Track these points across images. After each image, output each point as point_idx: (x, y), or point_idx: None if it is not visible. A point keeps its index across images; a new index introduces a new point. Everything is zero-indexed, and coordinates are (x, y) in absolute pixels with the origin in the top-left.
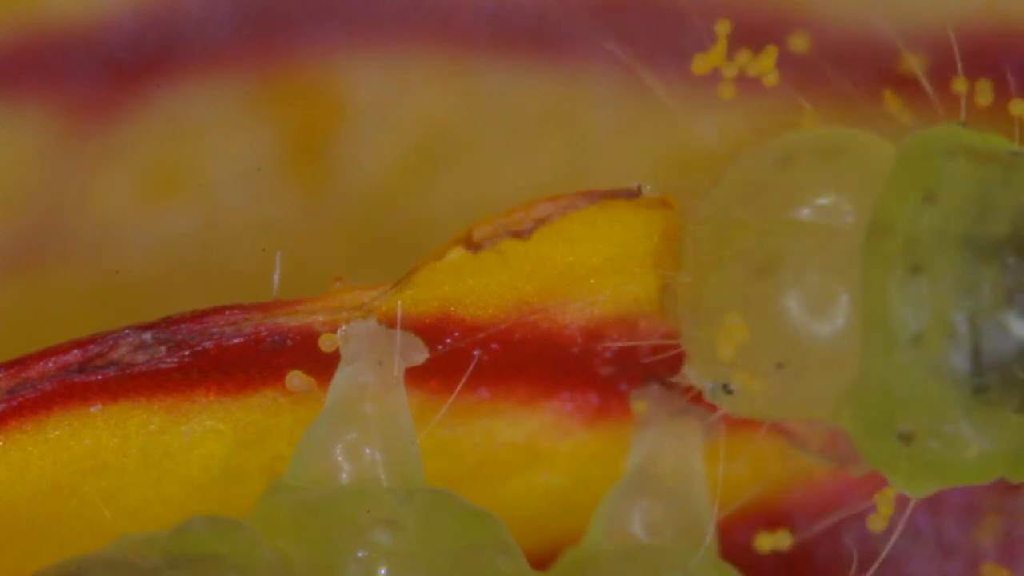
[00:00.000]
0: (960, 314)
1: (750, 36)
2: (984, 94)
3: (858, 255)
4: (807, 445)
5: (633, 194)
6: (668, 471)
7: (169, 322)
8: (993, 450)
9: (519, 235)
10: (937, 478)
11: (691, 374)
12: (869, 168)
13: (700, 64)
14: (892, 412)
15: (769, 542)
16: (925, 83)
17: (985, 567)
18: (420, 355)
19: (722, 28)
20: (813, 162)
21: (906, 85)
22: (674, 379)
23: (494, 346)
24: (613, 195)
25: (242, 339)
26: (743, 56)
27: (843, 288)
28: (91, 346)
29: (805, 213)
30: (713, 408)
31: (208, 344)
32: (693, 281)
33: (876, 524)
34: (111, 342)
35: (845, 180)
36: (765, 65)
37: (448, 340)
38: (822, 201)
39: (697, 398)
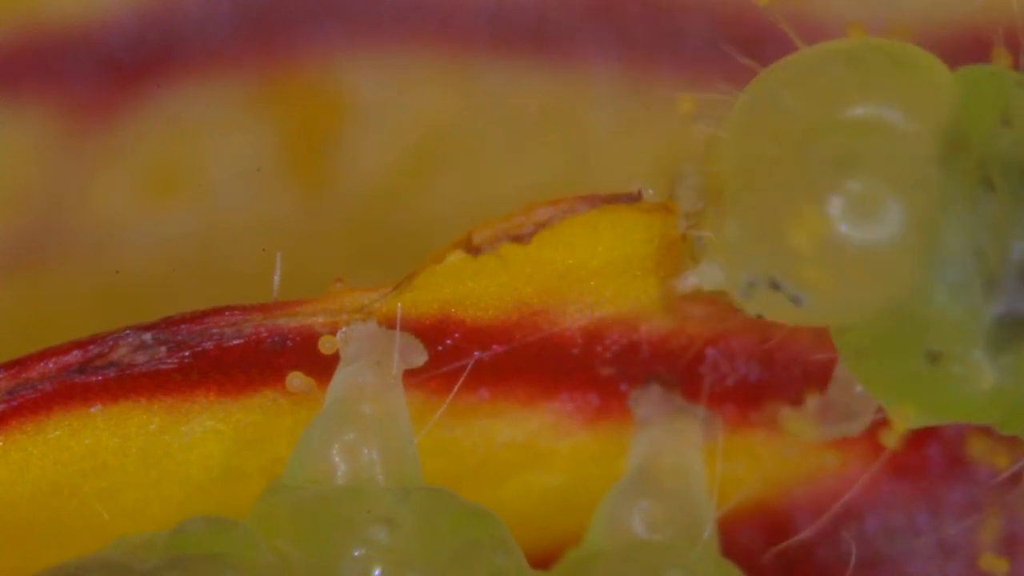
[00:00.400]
0: (1021, 239)
1: (750, 36)
2: None
3: (926, 165)
4: (799, 426)
5: (634, 198)
6: (668, 471)
7: (169, 322)
8: (1006, 388)
9: (519, 239)
10: (943, 408)
11: (707, 275)
12: (935, 82)
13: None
14: (927, 328)
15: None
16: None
17: (984, 557)
18: (420, 357)
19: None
20: (885, 65)
21: None
22: (678, 281)
23: (494, 346)
24: (614, 199)
25: (242, 340)
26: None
27: (911, 195)
28: (91, 346)
29: (875, 114)
30: (713, 408)
31: (208, 345)
32: (740, 176)
33: (889, 439)
34: (111, 342)
35: (915, 88)
36: None
37: (448, 342)
38: (894, 104)
39: (696, 398)
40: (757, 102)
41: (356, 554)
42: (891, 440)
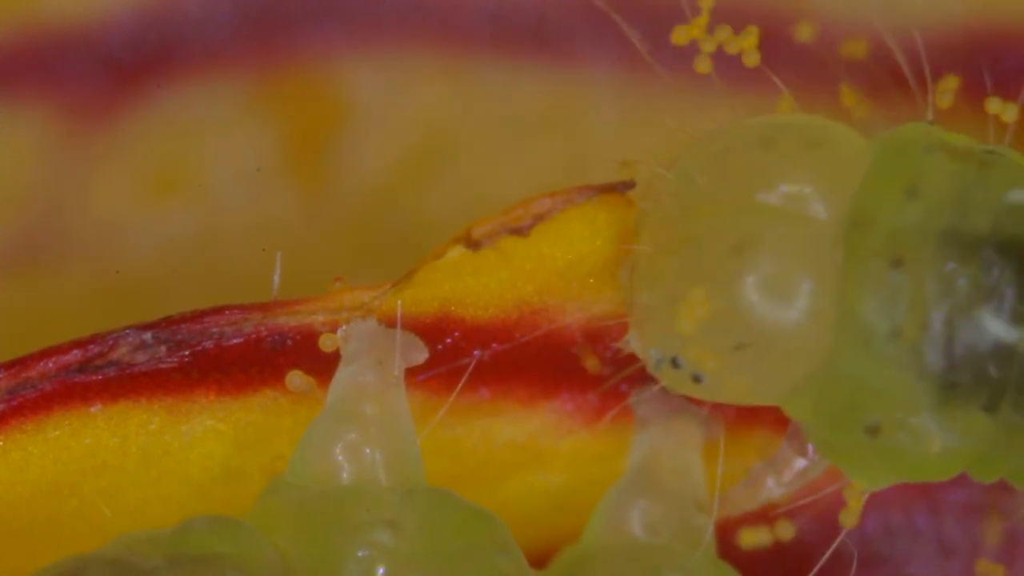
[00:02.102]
0: (939, 310)
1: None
2: (947, 95)
3: (831, 246)
4: (756, 499)
5: (628, 186)
6: (667, 471)
7: (169, 322)
8: (957, 447)
9: (518, 232)
10: (898, 471)
11: (635, 343)
12: (846, 161)
13: (680, 35)
14: (860, 404)
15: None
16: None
17: (980, 564)
18: (420, 355)
19: (706, 2)
20: (796, 148)
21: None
22: (618, 344)
23: (494, 345)
24: (610, 188)
25: (242, 339)
26: (723, 32)
27: (813, 278)
28: (91, 346)
29: (783, 198)
30: (712, 408)
31: (208, 344)
32: (656, 252)
33: (847, 520)
34: (111, 342)
35: (824, 170)
36: (747, 44)
37: (448, 340)
38: (801, 188)
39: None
40: (676, 181)
41: (359, 554)
42: (848, 519)
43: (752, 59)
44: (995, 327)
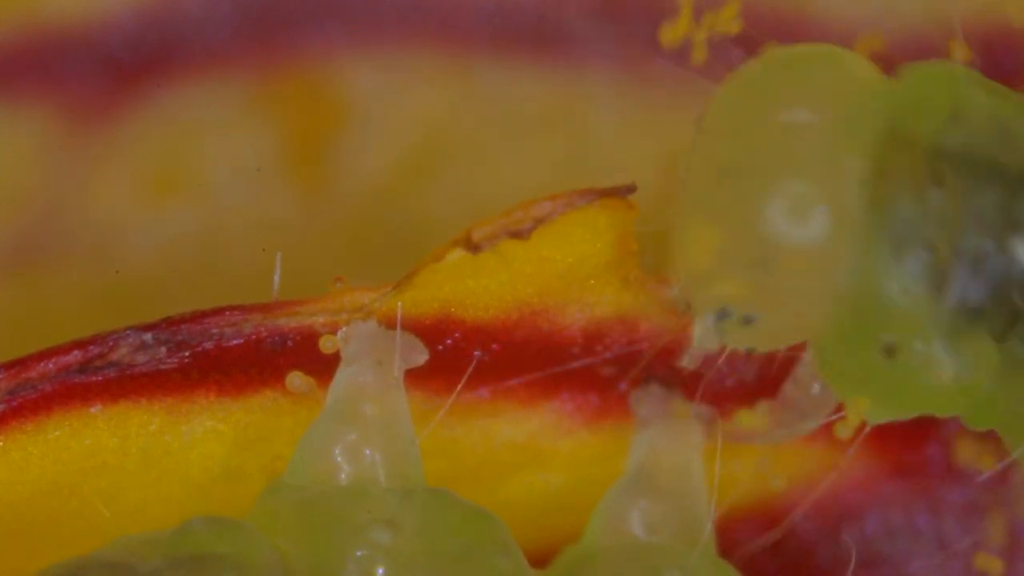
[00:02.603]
0: (973, 233)
1: (751, 36)
2: None
3: (853, 162)
4: (752, 434)
5: (630, 190)
6: (667, 471)
7: (169, 322)
8: (967, 377)
9: (518, 235)
10: (905, 401)
11: (701, 334)
12: (868, 82)
13: (669, 36)
14: (881, 323)
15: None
16: None
17: (978, 556)
18: (420, 356)
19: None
20: (815, 67)
21: None
22: (670, 296)
23: (494, 346)
24: (611, 192)
25: (242, 340)
26: (709, 18)
27: (837, 195)
28: (91, 346)
29: (805, 116)
30: (713, 409)
31: (208, 345)
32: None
33: (842, 431)
34: (111, 343)
35: (844, 89)
36: (727, 15)
37: (448, 341)
38: (822, 107)
39: (696, 397)
40: (708, 125)
41: (358, 555)
42: (845, 431)
43: (735, 27)
44: None
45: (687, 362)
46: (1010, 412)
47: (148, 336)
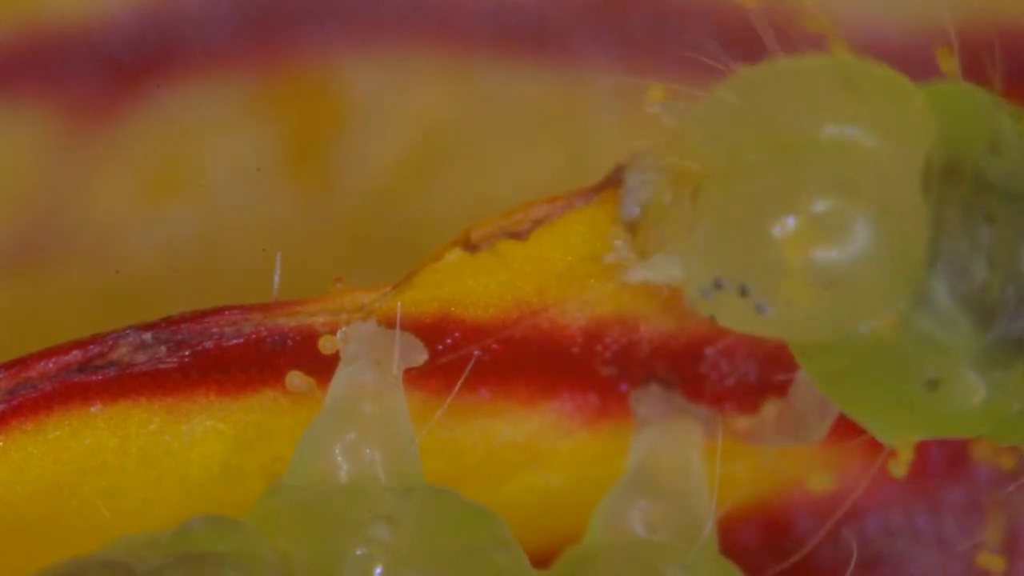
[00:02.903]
0: (1019, 268)
1: (751, 36)
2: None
3: (913, 192)
4: (759, 436)
5: (620, 178)
6: (667, 470)
7: (169, 322)
8: (995, 401)
9: (517, 236)
10: (930, 427)
11: (667, 267)
12: (921, 109)
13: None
14: (926, 356)
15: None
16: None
17: (980, 555)
18: (420, 356)
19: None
20: (878, 90)
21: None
22: (626, 272)
23: (494, 346)
24: (606, 185)
25: (242, 339)
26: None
27: (905, 222)
28: (91, 346)
29: (871, 138)
30: (714, 408)
31: (208, 344)
32: (725, 172)
33: (897, 470)
34: (111, 342)
35: (904, 115)
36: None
37: (448, 340)
38: (887, 131)
39: (696, 398)
40: (744, 105)
41: (358, 553)
42: (898, 469)
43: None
44: None
45: (625, 212)
46: None
47: (148, 336)
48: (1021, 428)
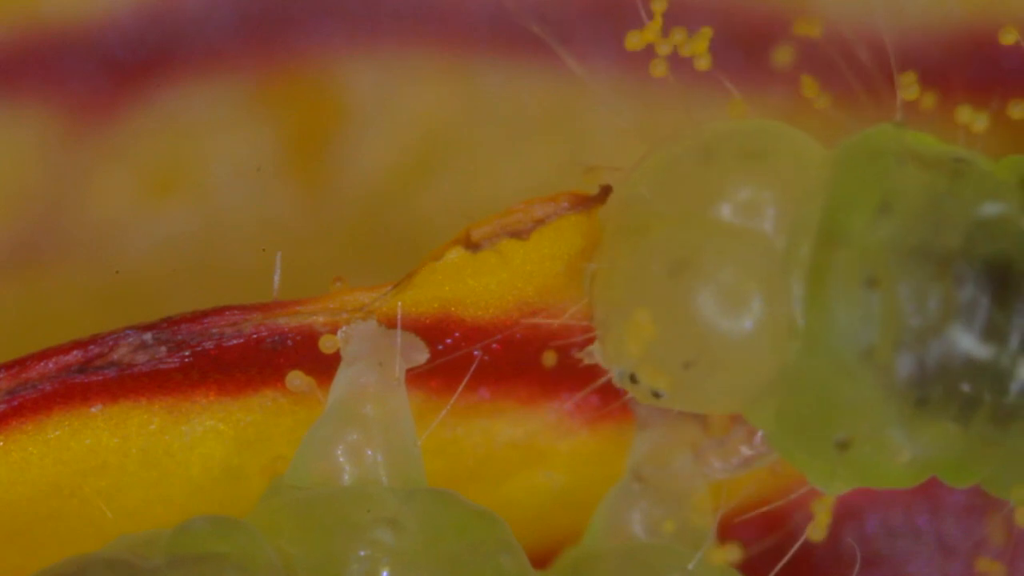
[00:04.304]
0: (912, 328)
1: (751, 36)
2: (912, 88)
3: (781, 259)
4: (714, 463)
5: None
6: (667, 471)
7: (169, 322)
8: (926, 457)
9: (518, 235)
10: (863, 480)
11: (599, 356)
12: (793, 171)
13: (634, 41)
14: (829, 419)
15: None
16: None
17: (980, 562)
18: (421, 355)
19: (658, 5)
20: (735, 161)
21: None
22: (579, 354)
23: (495, 346)
24: (604, 196)
25: (242, 339)
26: (678, 35)
27: (762, 291)
28: (91, 346)
29: (724, 212)
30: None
31: (208, 344)
32: (608, 268)
33: (815, 534)
34: (111, 342)
35: (768, 182)
36: (698, 47)
37: (448, 340)
38: (741, 202)
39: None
40: (621, 197)
41: (361, 555)
42: (816, 533)
43: (704, 63)
44: (967, 343)
45: (584, 356)
46: (993, 471)
47: (148, 336)
48: (972, 473)
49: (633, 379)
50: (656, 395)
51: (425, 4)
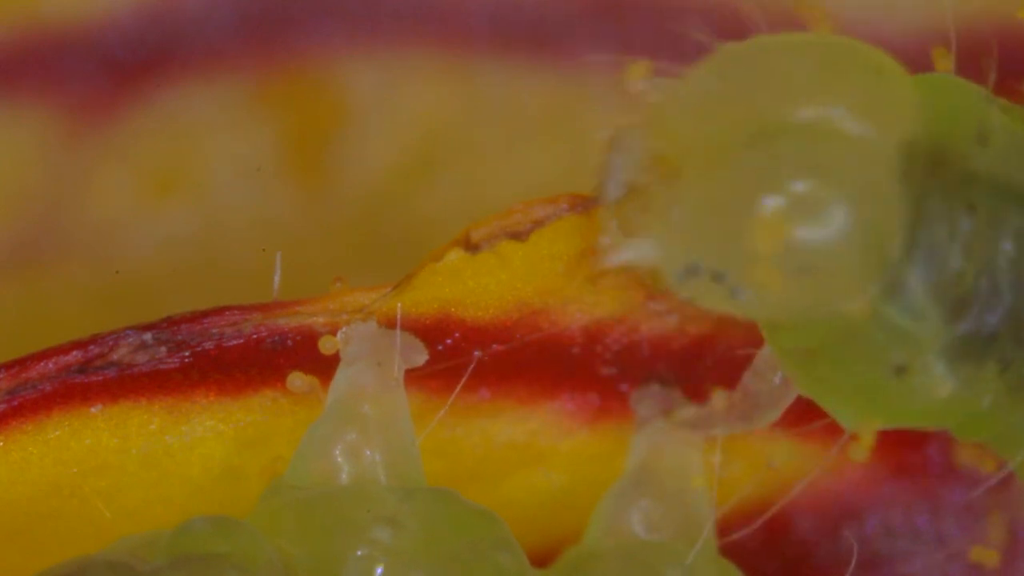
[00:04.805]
0: (996, 262)
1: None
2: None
3: (897, 178)
4: (707, 424)
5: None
6: (667, 470)
7: (169, 322)
8: (960, 396)
9: (517, 236)
10: (894, 415)
11: (646, 250)
12: (904, 91)
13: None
14: (894, 342)
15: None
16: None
17: (975, 549)
18: (420, 356)
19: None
20: (857, 71)
21: None
22: (605, 255)
23: (495, 346)
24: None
25: (242, 340)
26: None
27: (882, 209)
28: (91, 346)
29: (847, 120)
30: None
31: (208, 344)
32: (701, 155)
33: (857, 454)
34: (111, 342)
35: (885, 97)
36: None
37: (448, 341)
38: (865, 113)
39: (696, 397)
40: (720, 85)
41: (359, 554)
42: (859, 453)
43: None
44: None
45: (605, 261)
46: (1004, 428)
47: (148, 336)
48: (986, 426)
49: (717, 276)
50: (734, 295)
51: (425, 4)
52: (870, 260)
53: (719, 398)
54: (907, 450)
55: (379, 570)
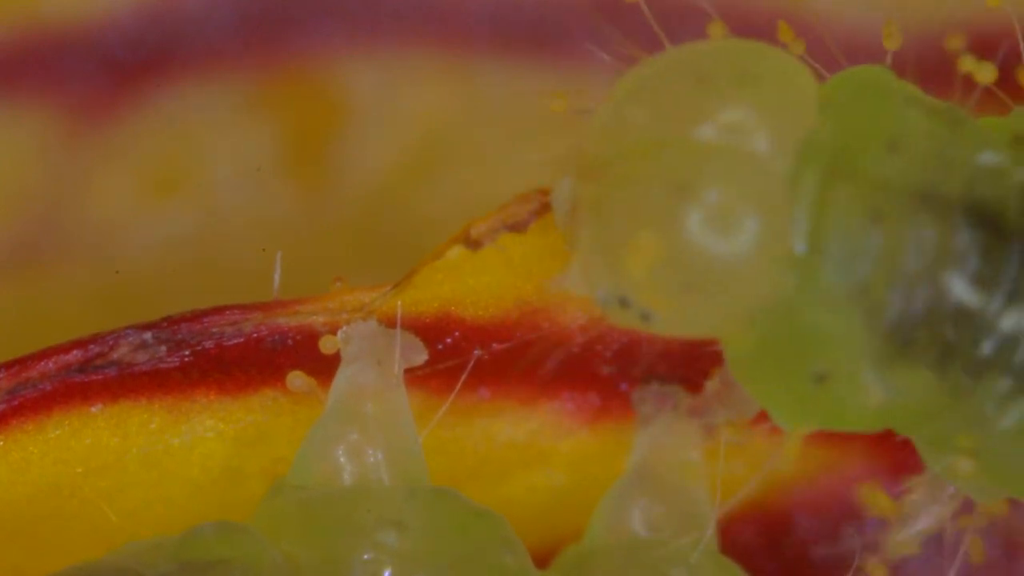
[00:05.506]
0: (908, 269)
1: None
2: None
3: (780, 186)
4: (703, 411)
5: None
6: (668, 469)
7: (169, 322)
8: (894, 402)
9: (516, 228)
10: (827, 420)
11: (575, 281)
12: (791, 96)
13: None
14: (811, 351)
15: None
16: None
17: (972, 548)
18: (420, 356)
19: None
20: (732, 83)
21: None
22: (547, 282)
23: (495, 345)
24: None
25: (242, 339)
26: None
27: (765, 217)
28: (92, 346)
29: (724, 135)
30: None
31: (209, 344)
32: (601, 192)
33: (784, 462)
34: (112, 342)
35: (766, 106)
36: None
37: (448, 340)
38: (740, 125)
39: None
40: (608, 114)
41: (365, 558)
42: (785, 460)
43: None
44: (958, 290)
45: (558, 283)
46: (941, 430)
47: (148, 335)
48: (929, 426)
49: (623, 302)
50: (645, 318)
51: (425, 4)
52: (760, 270)
53: (712, 384)
54: (906, 450)
55: (386, 573)
